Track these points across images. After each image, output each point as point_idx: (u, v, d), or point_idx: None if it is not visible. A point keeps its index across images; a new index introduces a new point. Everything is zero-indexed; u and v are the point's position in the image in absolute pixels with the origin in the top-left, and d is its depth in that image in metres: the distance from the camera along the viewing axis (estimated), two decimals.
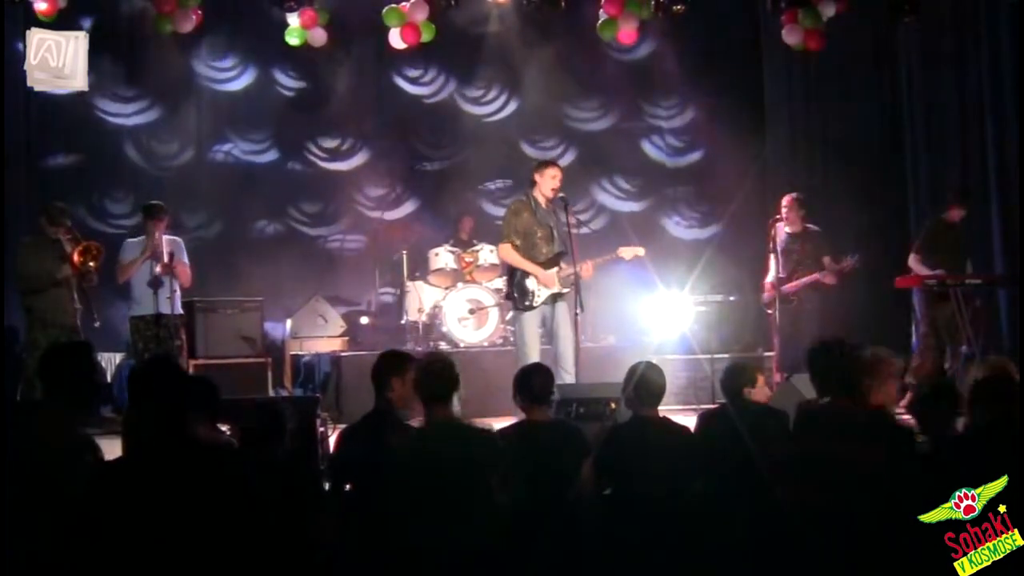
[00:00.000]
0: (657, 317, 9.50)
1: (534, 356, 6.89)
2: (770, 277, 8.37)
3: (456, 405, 4.19)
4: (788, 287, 8.27)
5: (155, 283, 7.47)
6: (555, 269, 7.01)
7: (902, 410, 5.91)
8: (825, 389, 4.37)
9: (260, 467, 3.78)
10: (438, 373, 4.15)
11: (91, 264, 7.30)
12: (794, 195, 8.49)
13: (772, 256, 8.32)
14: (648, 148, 11.35)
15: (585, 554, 4.00)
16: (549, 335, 7.18)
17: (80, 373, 3.82)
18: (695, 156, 11.30)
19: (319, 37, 9.68)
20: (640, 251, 7.33)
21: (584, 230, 7.56)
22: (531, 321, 7.04)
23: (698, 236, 11.28)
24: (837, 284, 8.29)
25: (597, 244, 7.67)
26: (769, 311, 8.48)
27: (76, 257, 7.22)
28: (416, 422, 4.26)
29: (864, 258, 8.32)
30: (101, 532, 3.14)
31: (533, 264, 7.01)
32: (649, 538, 3.99)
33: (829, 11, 9.46)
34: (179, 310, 7.68)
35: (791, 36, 9.57)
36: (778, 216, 8.41)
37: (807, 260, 8.33)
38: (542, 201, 7.08)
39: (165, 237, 7.78)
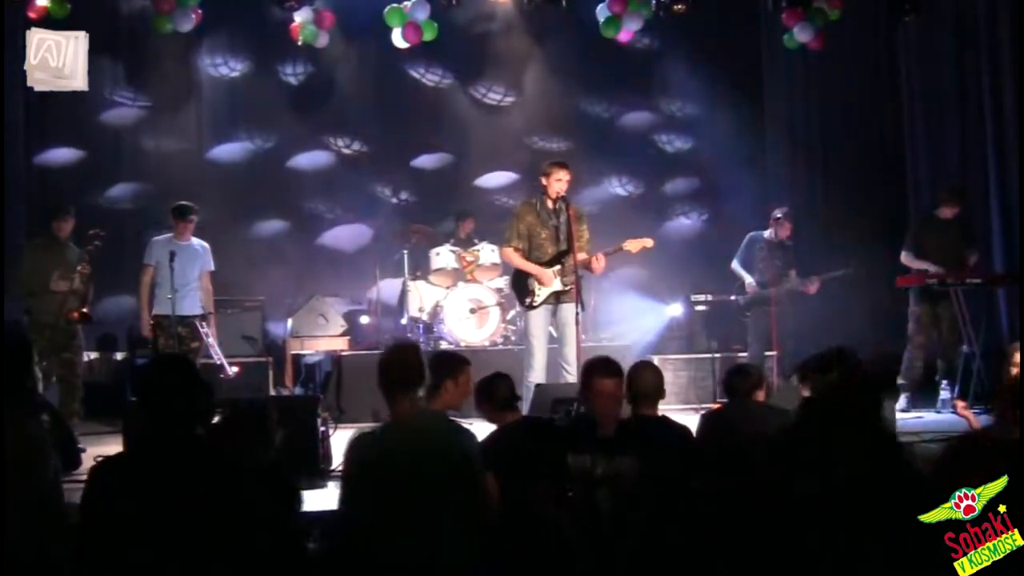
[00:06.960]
0: (657, 317, 9.52)
1: (540, 354, 6.97)
2: (749, 280, 8.66)
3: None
4: (774, 291, 8.51)
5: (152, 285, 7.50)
6: (556, 267, 7.02)
7: None
8: None
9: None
10: (402, 359, 3.81)
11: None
12: (787, 208, 8.80)
13: (738, 263, 8.78)
14: (648, 147, 11.35)
15: (574, 554, 3.99)
16: (556, 335, 7.19)
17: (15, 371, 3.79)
18: (694, 155, 11.31)
19: (321, 39, 9.70)
20: (648, 243, 7.34)
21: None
22: (536, 319, 7.07)
23: (698, 234, 11.29)
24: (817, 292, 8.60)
25: (597, 242, 7.66)
26: (748, 314, 8.74)
27: (75, 315, 7.26)
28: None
29: (864, 258, 8.37)
30: (101, 527, 3.14)
31: (533, 265, 7.04)
32: (646, 537, 3.99)
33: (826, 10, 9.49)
34: (183, 312, 7.58)
35: (802, 35, 9.57)
36: (778, 218, 8.58)
37: (787, 268, 8.66)
38: (549, 202, 7.08)
39: (194, 240, 7.78)
